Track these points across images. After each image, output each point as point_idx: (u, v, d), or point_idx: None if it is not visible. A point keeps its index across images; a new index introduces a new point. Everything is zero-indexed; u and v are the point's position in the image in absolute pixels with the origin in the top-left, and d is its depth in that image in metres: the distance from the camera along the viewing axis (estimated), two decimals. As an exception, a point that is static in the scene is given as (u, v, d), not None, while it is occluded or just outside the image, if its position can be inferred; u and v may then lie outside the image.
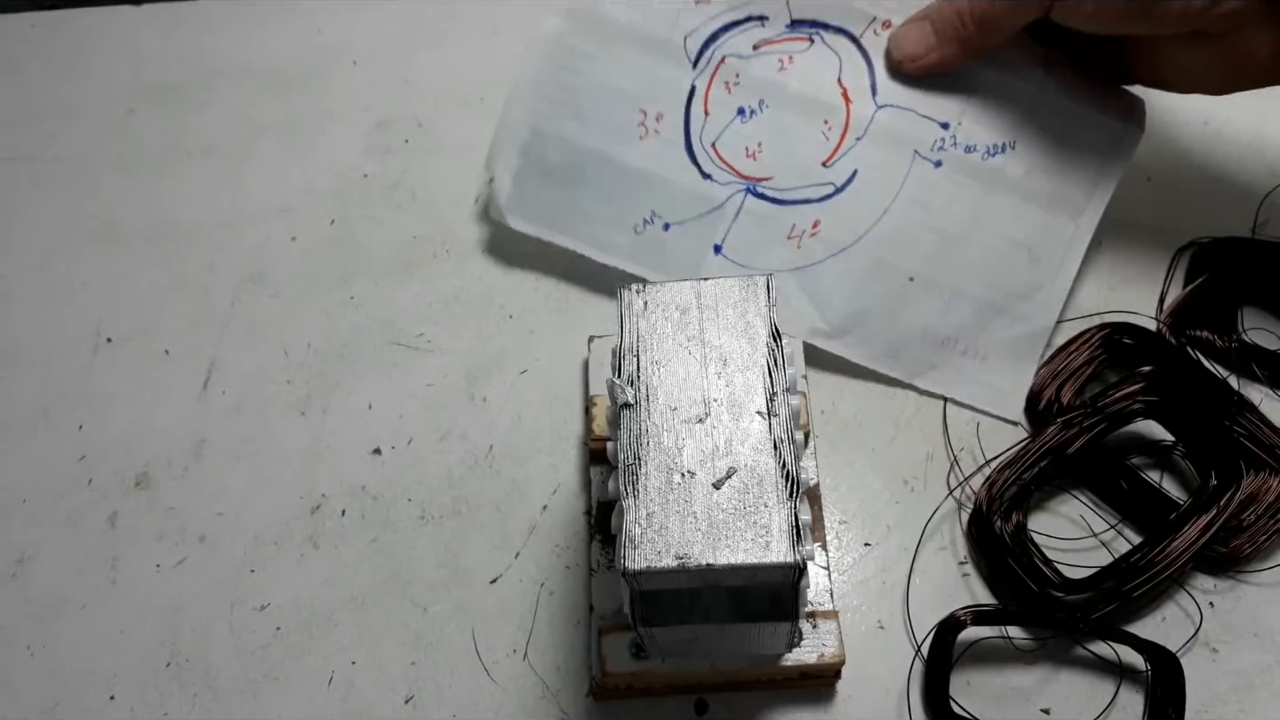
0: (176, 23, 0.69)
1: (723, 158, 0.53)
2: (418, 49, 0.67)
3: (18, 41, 0.69)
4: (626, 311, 0.39)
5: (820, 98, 0.52)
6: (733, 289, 0.39)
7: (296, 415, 0.54)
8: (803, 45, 0.53)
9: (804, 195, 0.53)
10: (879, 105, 0.52)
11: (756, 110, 0.53)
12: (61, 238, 0.61)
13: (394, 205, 0.61)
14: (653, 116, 0.53)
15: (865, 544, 0.49)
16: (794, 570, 0.34)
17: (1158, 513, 0.47)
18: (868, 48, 0.52)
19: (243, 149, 0.63)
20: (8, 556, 0.51)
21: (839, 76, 0.52)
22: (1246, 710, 0.44)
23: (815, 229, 0.52)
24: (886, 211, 0.52)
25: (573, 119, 0.53)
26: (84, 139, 0.64)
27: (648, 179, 0.53)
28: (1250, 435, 0.47)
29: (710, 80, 0.53)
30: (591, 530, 0.48)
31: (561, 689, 0.46)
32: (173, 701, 0.47)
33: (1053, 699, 0.45)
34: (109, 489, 0.52)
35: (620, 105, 0.53)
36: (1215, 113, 0.61)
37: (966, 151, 0.52)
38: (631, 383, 0.38)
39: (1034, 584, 0.45)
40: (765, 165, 0.53)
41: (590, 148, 0.53)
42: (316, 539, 0.50)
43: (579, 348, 0.54)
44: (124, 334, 0.57)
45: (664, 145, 0.53)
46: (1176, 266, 0.55)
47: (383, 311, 0.57)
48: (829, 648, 0.43)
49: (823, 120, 0.52)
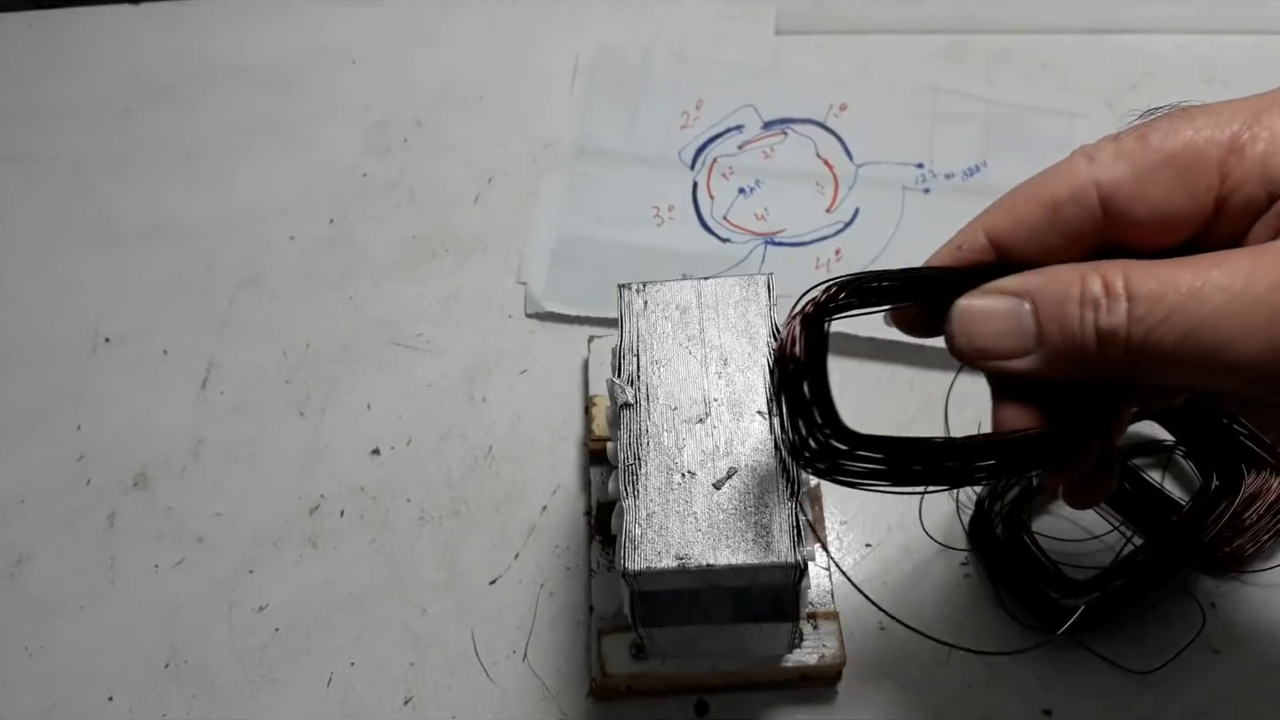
0: (174, 22, 0.69)
1: (736, 224, 0.59)
2: (417, 49, 0.67)
3: (15, 41, 0.69)
4: (626, 311, 0.39)
5: (806, 169, 0.60)
6: (733, 288, 0.39)
7: (295, 415, 0.54)
8: (779, 139, 0.62)
9: (819, 235, 0.58)
10: (858, 165, 0.60)
11: (755, 187, 0.60)
12: (59, 237, 0.61)
13: (393, 205, 0.61)
14: (665, 208, 0.59)
15: (866, 544, 0.49)
16: (795, 571, 0.34)
17: (1159, 513, 0.47)
18: (833, 128, 0.62)
19: (241, 148, 0.63)
20: (6, 557, 0.51)
21: (817, 153, 0.61)
22: (1248, 712, 0.44)
23: (839, 255, 0.57)
24: (898, 229, 0.58)
25: (593, 220, 0.59)
26: (81, 138, 0.64)
27: (672, 253, 0.58)
28: (1251, 435, 0.47)
29: (709, 175, 0.60)
30: (591, 531, 0.48)
31: (561, 690, 0.46)
32: (171, 702, 0.46)
33: (1053, 699, 0.44)
34: (107, 489, 0.52)
35: (634, 204, 0.60)
36: (1216, 112, 0.61)
37: (947, 178, 0.59)
38: (631, 382, 0.37)
39: (1044, 584, 0.45)
40: (775, 223, 0.59)
41: (613, 240, 0.58)
42: (315, 539, 0.50)
43: (579, 347, 0.54)
44: (122, 334, 0.57)
45: (680, 227, 0.59)
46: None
47: (381, 311, 0.57)
48: (829, 649, 0.43)
49: (814, 184, 0.60)
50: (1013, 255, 0.31)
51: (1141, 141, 0.30)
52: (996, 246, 0.31)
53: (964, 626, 0.46)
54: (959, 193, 0.58)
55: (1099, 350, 0.28)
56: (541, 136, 0.62)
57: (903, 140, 0.60)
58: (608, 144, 0.62)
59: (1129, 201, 0.30)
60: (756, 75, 0.63)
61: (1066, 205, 0.30)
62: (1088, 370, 0.29)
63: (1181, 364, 0.27)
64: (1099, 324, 0.28)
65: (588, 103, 0.63)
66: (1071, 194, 0.30)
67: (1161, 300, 0.27)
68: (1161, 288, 0.27)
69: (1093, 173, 0.30)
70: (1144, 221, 0.30)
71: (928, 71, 0.63)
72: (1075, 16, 0.65)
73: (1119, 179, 0.30)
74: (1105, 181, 0.30)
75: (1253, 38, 0.63)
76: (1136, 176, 0.30)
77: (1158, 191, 0.29)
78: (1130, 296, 0.27)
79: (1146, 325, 0.27)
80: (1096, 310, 0.28)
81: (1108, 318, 0.28)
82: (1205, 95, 0.64)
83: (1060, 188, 0.31)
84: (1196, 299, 0.27)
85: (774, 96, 0.62)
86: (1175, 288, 0.27)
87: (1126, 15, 0.65)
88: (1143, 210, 0.30)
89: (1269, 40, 0.63)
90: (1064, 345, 0.29)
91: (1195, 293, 0.27)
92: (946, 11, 0.66)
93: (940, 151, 0.60)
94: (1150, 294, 0.27)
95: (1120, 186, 0.30)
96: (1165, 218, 0.30)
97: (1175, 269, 0.27)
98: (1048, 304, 0.29)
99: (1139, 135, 0.30)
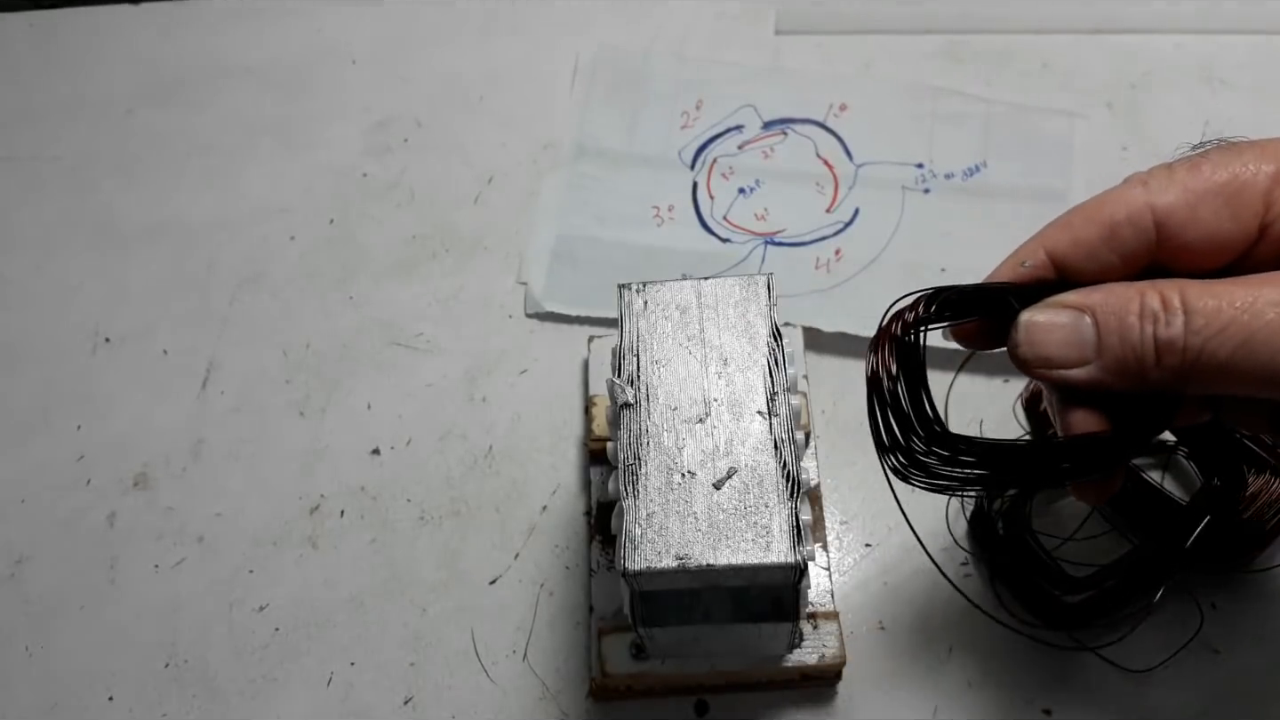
0: (175, 22, 0.69)
1: (736, 224, 0.59)
2: (417, 49, 0.67)
3: (16, 41, 0.69)
4: (626, 311, 0.39)
5: (806, 170, 0.60)
6: (733, 288, 0.39)
7: (295, 415, 0.54)
8: (779, 139, 0.61)
9: (819, 235, 0.58)
10: (858, 165, 0.60)
11: (755, 187, 0.60)
12: (60, 237, 0.61)
13: (393, 205, 0.61)
14: (665, 208, 0.59)
15: (866, 544, 0.49)
16: (795, 571, 0.34)
17: (1160, 514, 0.47)
18: (833, 128, 0.61)
19: (242, 148, 0.63)
20: (6, 557, 0.51)
21: (816, 153, 0.61)
22: (1247, 712, 0.44)
23: (839, 255, 0.57)
24: (898, 229, 0.58)
25: (593, 220, 0.59)
26: (83, 139, 0.64)
27: (672, 253, 0.58)
28: (1252, 435, 0.47)
29: (709, 175, 0.60)
30: (591, 531, 0.48)
31: (561, 690, 0.46)
32: (171, 702, 0.46)
33: (1053, 699, 0.44)
34: (107, 489, 0.52)
35: (634, 204, 0.59)
36: (1216, 113, 0.61)
37: (947, 179, 0.59)
38: (631, 382, 0.37)
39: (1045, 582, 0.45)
40: (775, 223, 0.58)
41: (613, 240, 0.58)
42: (315, 539, 0.50)
43: (579, 348, 0.54)
44: (122, 334, 0.57)
45: (680, 227, 0.59)
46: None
47: (382, 311, 0.57)
48: (830, 649, 0.43)
49: (814, 184, 0.59)
50: (1070, 272, 0.34)
51: (1194, 171, 0.33)
52: (1056, 264, 0.34)
53: (964, 626, 0.46)
54: (959, 193, 0.58)
55: (1156, 360, 0.31)
56: (541, 136, 0.62)
57: (903, 140, 0.60)
58: (608, 144, 0.61)
59: (1181, 226, 0.32)
60: (756, 75, 0.63)
61: (1124, 227, 0.33)
62: (1143, 380, 0.31)
63: (1234, 374, 0.30)
64: (1158, 335, 0.31)
65: (588, 103, 0.63)
66: (1128, 216, 0.33)
67: (1218, 314, 0.30)
68: (1218, 303, 0.30)
69: (1148, 197, 0.33)
70: (1193, 245, 0.32)
71: (928, 71, 0.63)
72: (1075, 16, 0.65)
73: (1172, 204, 0.32)
74: (1160, 206, 0.32)
75: (1253, 38, 0.63)
76: (1189, 203, 0.32)
77: (1207, 217, 0.32)
78: (1187, 310, 0.30)
79: (1204, 336, 0.30)
80: (1155, 323, 0.31)
81: (1166, 330, 0.30)
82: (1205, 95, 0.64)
83: (1118, 210, 0.33)
84: (1250, 313, 0.29)
85: (774, 96, 0.63)
86: (1230, 303, 0.30)
87: (1126, 15, 0.65)
88: (1193, 234, 0.32)
89: (1269, 40, 0.63)
90: (1123, 355, 0.31)
91: (1249, 307, 0.29)
92: (946, 11, 0.66)
93: (940, 151, 0.60)
94: (1207, 309, 0.30)
95: (1174, 211, 0.32)
96: (1213, 242, 0.32)
97: (1229, 286, 0.30)
98: (1108, 317, 0.32)
99: (1191, 165, 0.33)
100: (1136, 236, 0.33)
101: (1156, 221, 0.32)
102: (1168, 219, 0.32)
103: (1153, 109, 0.61)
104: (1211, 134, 0.60)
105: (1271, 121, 0.60)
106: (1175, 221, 0.32)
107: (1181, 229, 0.32)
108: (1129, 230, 0.33)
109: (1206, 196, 0.32)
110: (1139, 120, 0.61)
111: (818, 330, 0.53)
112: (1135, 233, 0.33)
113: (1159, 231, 0.33)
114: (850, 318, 0.54)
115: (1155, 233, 0.33)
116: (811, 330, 0.53)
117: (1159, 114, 0.61)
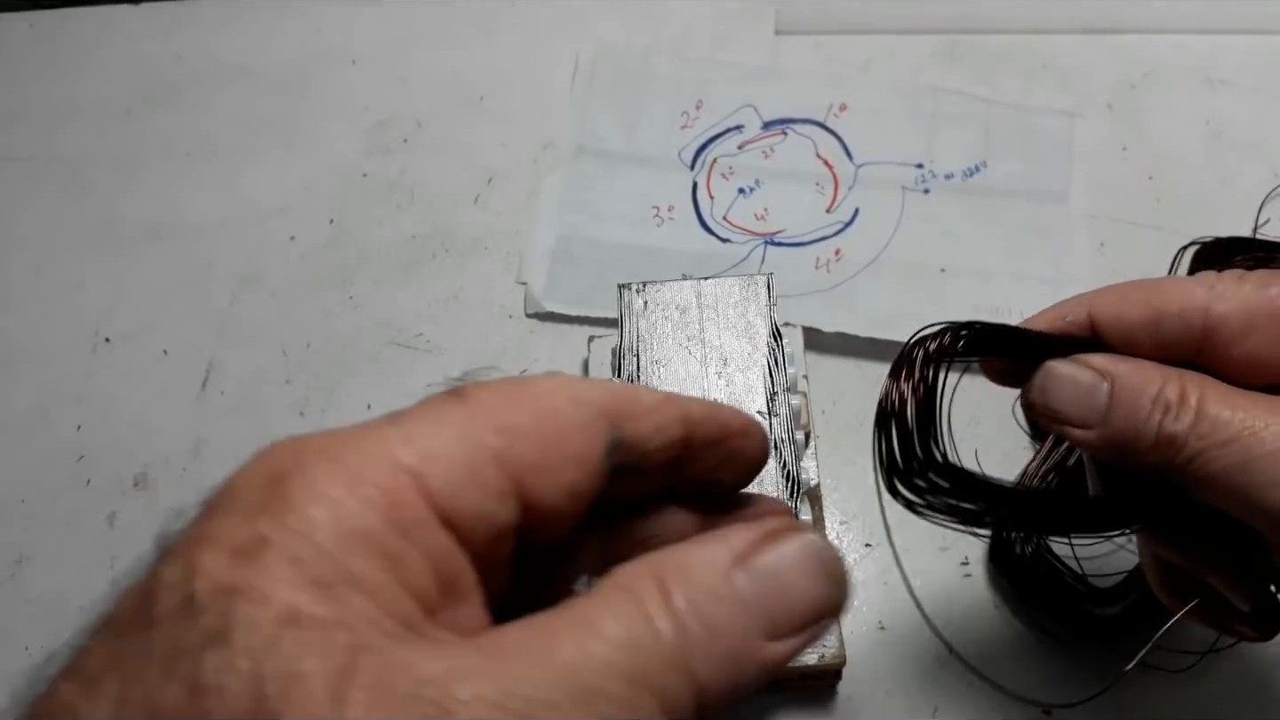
0: (175, 22, 0.69)
1: (736, 224, 0.59)
2: (417, 49, 0.67)
3: (16, 41, 0.69)
4: (626, 311, 0.39)
5: (806, 170, 0.60)
6: (733, 289, 0.39)
7: (295, 415, 0.54)
8: (779, 139, 0.61)
9: (819, 235, 0.58)
10: (858, 165, 0.60)
11: (755, 187, 0.60)
12: (60, 237, 0.61)
13: (393, 205, 0.61)
14: (665, 208, 0.59)
15: (866, 544, 0.49)
16: (795, 570, 0.34)
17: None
18: (833, 128, 0.61)
19: (241, 148, 0.63)
20: (6, 557, 0.51)
21: (816, 153, 0.61)
22: (1255, 713, 0.44)
23: (839, 255, 0.57)
24: (898, 229, 0.58)
25: (593, 220, 0.59)
26: (82, 139, 0.64)
27: (671, 253, 0.58)
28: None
29: (709, 175, 0.60)
30: (591, 530, 0.48)
31: (561, 690, 0.46)
32: (171, 702, 0.46)
33: (1053, 699, 0.44)
34: (108, 489, 0.52)
35: (633, 204, 0.59)
36: (1216, 112, 0.61)
37: (946, 179, 0.59)
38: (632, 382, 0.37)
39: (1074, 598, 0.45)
40: (775, 223, 0.58)
41: (613, 240, 0.58)
42: (315, 539, 0.50)
43: (579, 348, 0.54)
44: (122, 334, 0.57)
45: (680, 227, 0.59)
46: (1177, 267, 0.55)
47: (382, 311, 0.57)
48: (829, 649, 0.43)
49: (814, 184, 0.60)
50: (1107, 338, 0.33)
51: (1261, 289, 0.31)
52: (1096, 326, 0.33)
53: (963, 626, 0.46)
54: (959, 193, 0.58)
55: (1153, 448, 0.30)
56: (541, 136, 0.62)
57: (902, 140, 0.60)
58: (608, 144, 0.61)
59: (1230, 339, 0.31)
60: (756, 75, 0.63)
61: (1173, 320, 0.32)
62: (1138, 461, 0.31)
63: (1222, 489, 0.29)
64: (1163, 426, 0.30)
65: (588, 103, 0.63)
66: (1181, 311, 0.32)
67: (1226, 427, 0.29)
68: (1231, 415, 0.29)
69: (1207, 300, 0.31)
70: (1239, 360, 0.31)
71: (928, 71, 0.63)
72: (1075, 16, 0.65)
73: (1227, 314, 0.31)
74: (1215, 313, 0.31)
75: (1253, 38, 0.63)
76: (1246, 319, 0.31)
77: (1259, 340, 0.31)
78: (1199, 413, 0.30)
79: (1204, 444, 0.29)
80: (1165, 413, 0.30)
81: (1173, 424, 0.30)
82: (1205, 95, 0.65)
83: (1171, 301, 0.32)
84: (1256, 437, 0.29)
85: (774, 96, 0.63)
86: (1242, 420, 0.29)
87: (1126, 15, 0.65)
88: (1240, 351, 0.31)
89: (1269, 40, 0.63)
90: (1124, 431, 0.31)
91: (1257, 431, 0.29)
92: (946, 11, 0.66)
93: (940, 151, 0.60)
94: (1218, 417, 0.29)
95: (1227, 321, 0.31)
96: (1259, 364, 0.31)
97: (1247, 402, 0.30)
98: (1125, 390, 0.31)
99: (1261, 282, 0.31)
100: (1182, 331, 0.32)
101: (1208, 327, 0.31)
102: (1219, 328, 0.31)
103: (1153, 109, 0.61)
104: (1212, 134, 0.60)
105: (1272, 121, 0.60)
106: (1226, 333, 0.31)
107: (1230, 341, 0.31)
108: (1177, 324, 0.32)
109: (1266, 319, 0.31)
110: (1139, 120, 0.61)
111: (818, 330, 0.53)
112: (1183, 329, 0.32)
113: (1206, 335, 0.31)
114: (850, 318, 0.54)
115: (1203, 337, 0.31)
116: (811, 330, 0.53)
117: (1159, 114, 0.61)
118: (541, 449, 0.22)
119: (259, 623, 0.17)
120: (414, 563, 0.19)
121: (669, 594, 0.20)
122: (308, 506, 0.19)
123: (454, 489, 0.20)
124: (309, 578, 0.18)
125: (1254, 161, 0.59)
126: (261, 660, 0.17)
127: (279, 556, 0.18)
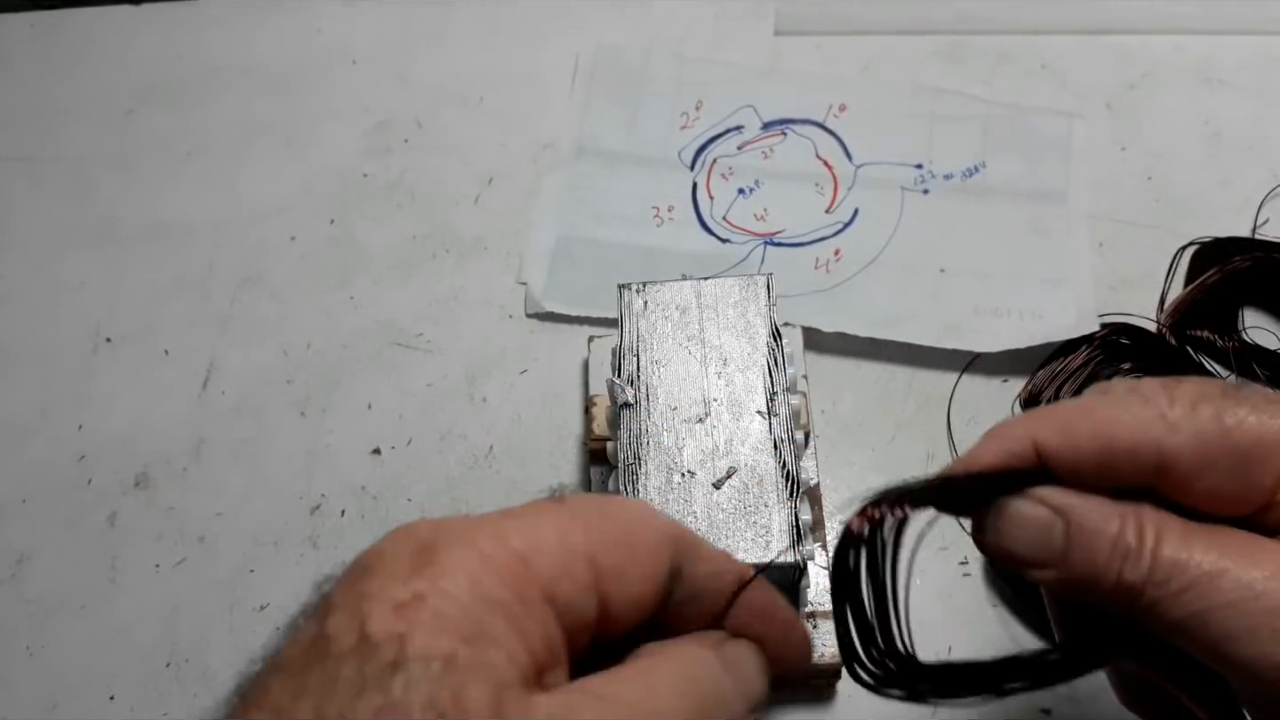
0: (175, 22, 0.69)
1: (735, 225, 0.59)
2: (417, 49, 0.67)
3: (16, 41, 0.69)
4: (626, 311, 0.39)
5: (806, 170, 0.60)
6: (733, 289, 0.39)
7: (296, 415, 0.54)
8: (778, 139, 0.61)
9: (819, 235, 0.58)
10: (857, 165, 0.60)
11: (754, 187, 0.60)
12: (60, 237, 0.61)
13: (393, 205, 0.61)
14: (665, 208, 0.59)
15: (865, 544, 0.49)
16: (794, 570, 0.34)
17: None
18: (833, 128, 0.61)
19: (242, 149, 0.63)
20: (7, 556, 0.51)
21: (816, 153, 0.61)
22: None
23: (838, 255, 0.57)
24: (897, 229, 0.58)
25: (593, 221, 0.59)
26: (83, 139, 0.64)
27: (671, 253, 0.58)
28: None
29: (708, 176, 0.60)
30: (591, 530, 0.48)
31: (561, 689, 0.46)
32: (172, 701, 0.46)
33: (1053, 699, 0.44)
34: (108, 489, 0.52)
35: (633, 204, 0.59)
36: (1215, 113, 0.61)
37: (945, 179, 0.59)
38: (631, 382, 0.38)
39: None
40: (774, 223, 0.59)
41: (613, 240, 0.58)
42: (316, 539, 0.50)
43: (579, 347, 0.54)
44: (123, 334, 0.57)
45: (680, 227, 0.59)
46: (1176, 266, 0.55)
47: (382, 311, 0.57)
48: (830, 648, 0.43)
49: (814, 184, 0.60)
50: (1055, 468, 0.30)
51: (1216, 421, 0.29)
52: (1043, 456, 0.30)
53: (963, 626, 0.46)
54: (958, 193, 0.58)
55: (1113, 593, 0.28)
56: (541, 136, 0.62)
57: (902, 141, 0.60)
58: (608, 144, 0.61)
59: (1186, 476, 0.29)
60: (756, 75, 0.64)
61: (1123, 455, 0.29)
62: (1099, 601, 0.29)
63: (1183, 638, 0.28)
64: (1122, 574, 0.28)
65: (588, 103, 0.63)
66: (1132, 447, 0.29)
67: (1183, 573, 0.27)
68: (1187, 560, 0.27)
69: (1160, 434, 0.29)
70: (1196, 495, 0.29)
71: (927, 72, 0.64)
72: (1075, 16, 0.65)
73: (1182, 450, 0.29)
74: (1169, 449, 0.29)
75: (1253, 38, 0.63)
76: (1201, 455, 0.29)
77: (1217, 477, 0.29)
78: (1155, 557, 0.28)
79: (1163, 592, 0.27)
80: (1124, 560, 0.28)
81: (1130, 572, 0.28)
82: (1204, 96, 0.65)
83: (1121, 435, 0.29)
84: (1214, 585, 0.27)
85: (774, 97, 0.63)
86: (1199, 564, 0.27)
87: (1126, 15, 0.65)
88: (1198, 487, 0.29)
89: (1268, 41, 0.63)
90: (1084, 575, 0.29)
91: (1214, 577, 0.27)
92: (946, 12, 0.66)
93: (939, 152, 0.60)
94: (1174, 563, 0.27)
95: (1181, 459, 0.29)
96: (1218, 500, 0.29)
97: (1206, 543, 0.28)
98: (1082, 533, 0.29)
99: (1216, 411, 0.29)
100: (1134, 467, 0.29)
101: (1161, 463, 0.29)
102: (1174, 464, 0.29)
103: (1152, 110, 0.61)
104: (1211, 134, 0.60)
105: (1270, 122, 0.60)
106: (1181, 470, 0.29)
107: (1186, 479, 0.29)
108: (1127, 462, 0.29)
109: (1222, 455, 0.28)
110: (1138, 121, 0.61)
111: (817, 330, 0.53)
112: (1134, 466, 0.29)
113: (1160, 471, 0.29)
114: (850, 318, 0.54)
115: (1156, 472, 0.29)
116: (811, 330, 0.53)
117: (1158, 115, 0.61)
118: (621, 559, 0.25)
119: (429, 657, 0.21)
120: (532, 630, 0.23)
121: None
122: (454, 574, 0.23)
123: (554, 576, 0.24)
124: (457, 631, 0.22)
125: (1253, 162, 0.59)
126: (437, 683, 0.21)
127: (433, 612, 0.22)
